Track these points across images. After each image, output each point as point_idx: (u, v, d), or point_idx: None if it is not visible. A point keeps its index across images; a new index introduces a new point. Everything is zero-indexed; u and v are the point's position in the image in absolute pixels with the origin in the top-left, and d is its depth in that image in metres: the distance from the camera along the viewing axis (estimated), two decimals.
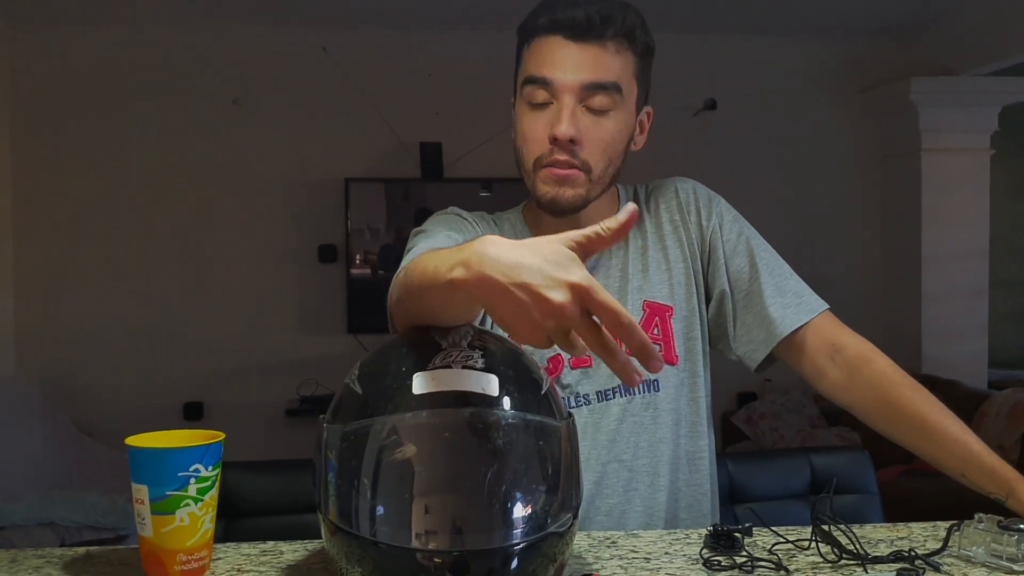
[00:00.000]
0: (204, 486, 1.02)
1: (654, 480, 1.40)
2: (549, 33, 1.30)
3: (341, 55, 4.97)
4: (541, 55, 1.31)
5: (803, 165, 5.41)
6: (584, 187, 1.34)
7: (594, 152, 1.32)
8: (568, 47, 1.29)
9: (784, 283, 1.44)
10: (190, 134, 4.98)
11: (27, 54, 4.90)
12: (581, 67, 1.29)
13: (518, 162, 1.38)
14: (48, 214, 4.94)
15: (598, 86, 1.30)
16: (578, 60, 1.29)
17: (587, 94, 1.30)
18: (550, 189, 1.33)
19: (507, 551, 0.88)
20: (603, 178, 1.36)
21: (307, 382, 4.87)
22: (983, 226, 5.22)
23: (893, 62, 5.32)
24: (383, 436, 0.91)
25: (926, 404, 1.32)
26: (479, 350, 0.96)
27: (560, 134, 1.29)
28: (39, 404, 4.42)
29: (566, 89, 1.29)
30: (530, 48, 1.33)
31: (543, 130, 1.31)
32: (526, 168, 1.36)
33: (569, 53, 1.29)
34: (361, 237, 5.03)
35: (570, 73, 1.29)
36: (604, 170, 1.35)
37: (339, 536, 0.91)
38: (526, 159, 1.35)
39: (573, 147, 1.30)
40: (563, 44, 1.30)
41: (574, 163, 1.31)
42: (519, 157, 1.37)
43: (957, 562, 1.08)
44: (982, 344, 5.23)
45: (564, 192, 1.33)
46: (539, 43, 1.32)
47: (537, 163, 1.33)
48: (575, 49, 1.29)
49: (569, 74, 1.29)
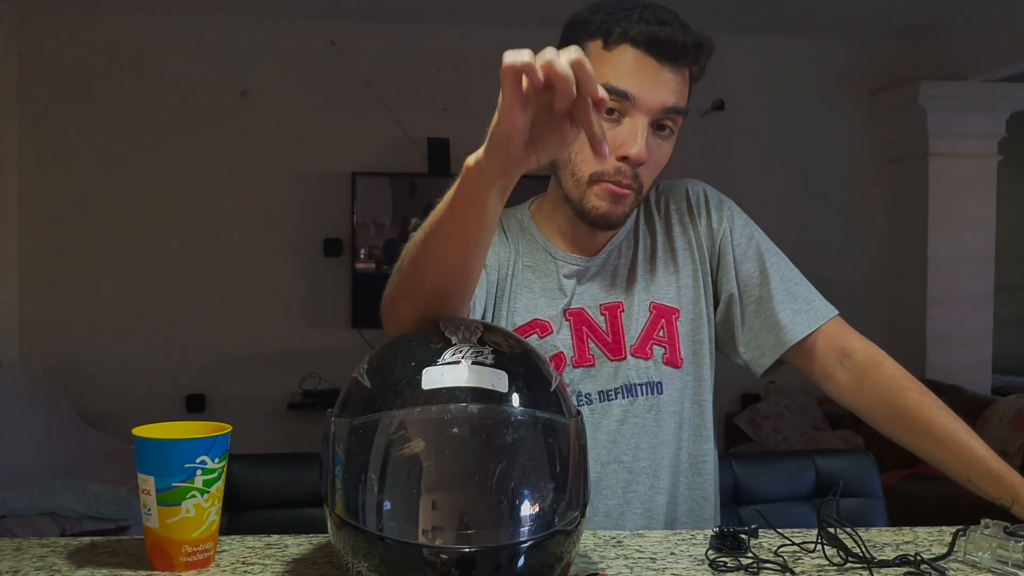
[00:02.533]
0: (210, 478, 1.02)
1: (654, 483, 1.39)
2: (637, 46, 1.26)
3: (349, 49, 4.97)
4: (625, 67, 1.26)
5: (810, 167, 5.41)
6: (632, 205, 1.33)
7: (649, 173, 1.32)
8: (655, 67, 1.26)
9: (795, 288, 1.43)
10: (197, 126, 4.98)
11: (35, 43, 4.90)
12: (664, 90, 1.26)
13: (563, 164, 1.33)
14: (53, 203, 4.94)
15: (675, 111, 1.28)
16: (662, 82, 1.26)
17: (661, 117, 1.28)
18: (603, 204, 1.30)
19: (514, 549, 0.88)
20: (645, 196, 1.36)
21: (310, 376, 4.87)
22: (989, 231, 5.21)
23: (902, 65, 5.31)
24: (391, 431, 0.91)
25: (933, 408, 1.32)
26: (489, 346, 0.95)
27: (634, 156, 1.26)
28: (42, 393, 4.43)
29: (646, 109, 1.26)
30: (610, 53, 1.27)
31: (611, 144, 1.25)
32: (579, 176, 1.31)
33: (656, 73, 1.26)
34: (367, 231, 5.03)
35: (653, 94, 1.26)
36: (649, 189, 1.35)
37: (345, 530, 0.91)
38: (581, 168, 1.30)
39: (638, 168, 1.29)
40: (650, 61, 1.26)
41: (632, 184, 1.29)
42: (571, 162, 1.31)
43: (963, 567, 1.07)
44: (986, 349, 5.22)
45: (616, 209, 1.31)
46: (623, 52, 1.26)
47: (595, 176, 1.29)
48: (661, 69, 1.26)
49: (653, 95, 1.26)
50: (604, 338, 1.38)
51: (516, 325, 1.38)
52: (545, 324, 1.38)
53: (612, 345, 1.38)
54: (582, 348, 1.38)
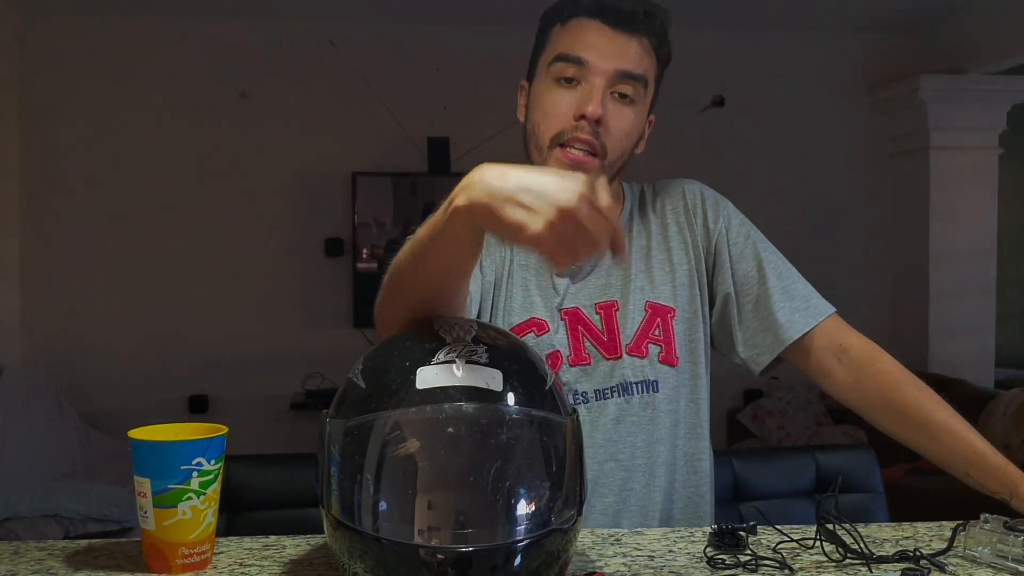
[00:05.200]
0: (206, 480, 1.02)
1: (650, 481, 1.39)
2: (589, 16, 1.33)
3: (348, 48, 4.97)
4: (578, 35, 1.33)
5: (811, 162, 5.40)
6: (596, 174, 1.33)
7: (613, 138, 1.34)
8: (606, 32, 1.32)
9: (792, 287, 1.43)
10: (197, 127, 4.98)
11: (36, 44, 4.90)
12: (617, 54, 1.32)
13: (528, 138, 1.39)
14: (55, 206, 4.94)
15: (629, 75, 1.33)
16: (615, 47, 1.32)
17: (617, 81, 1.32)
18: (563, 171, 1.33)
19: (511, 548, 0.88)
20: (613, 167, 1.37)
21: (312, 376, 4.87)
22: (991, 225, 5.21)
23: (903, 59, 5.30)
24: (386, 431, 0.90)
25: (931, 403, 1.32)
26: (483, 345, 0.95)
27: (589, 113, 1.30)
28: (45, 395, 4.43)
29: (600, 72, 1.31)
30: (565, 27, 1.35)
31: (568, 107, 1.32)
32: (540, 143, 1.35)
33: (607, 38, 1.32)
34: (368, 231, 5.03)
35: (606, 58, 1.32)
36: (616, 159, 1.36)
37: (341, 532, 0.91)
38: (542, 134, 1.35)
39: (597, 128, 1.31)
40: (602, 28, 1.32)
41: (594, 145, 1.32)
42: (533, 132, 1.37)
43: (963, 562, 1.07)
44: (989, 343, 5.22)
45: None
46: (577, 24, 1.34)
47: (555, 139, 1.33)
48: (613, 36, 1.32)
49: (605, 58, 1.31)
50: (599, 337, 1.38)
51: (513, 324, 1.38)
52: (542, 323, 1.38)
53: (607, 344, 1.38)
54: (578, 347, 1.38)
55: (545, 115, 1.35)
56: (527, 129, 1.40)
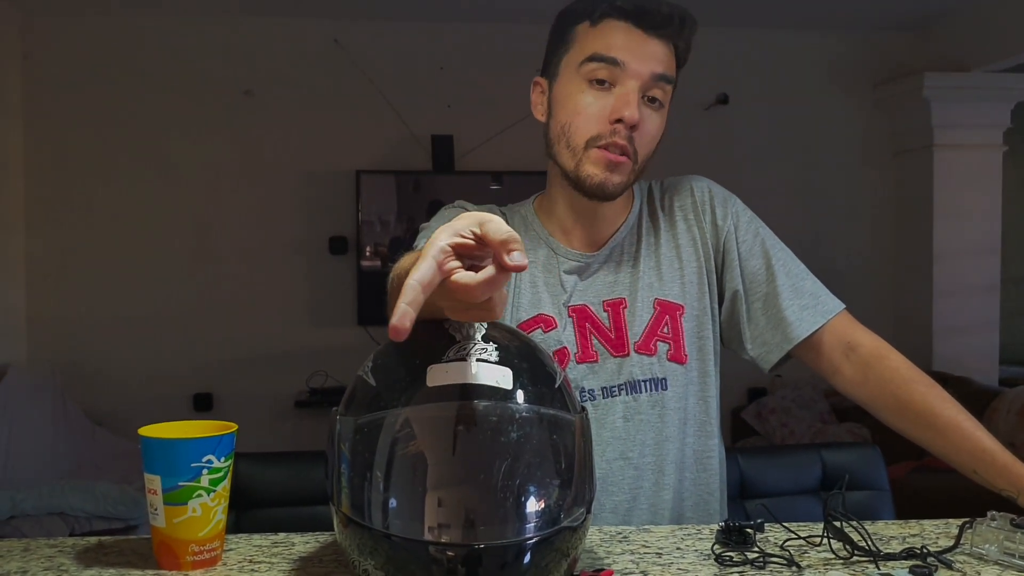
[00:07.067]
0: (216, 477, 1.03)
1: (659, 479, 1.39)
2: (624, 18, 1.31)
3: (353, 47, 4.97)
4: (612, 37, 1.31)
5: (815, 160, 5.40)
6: (628, 176, 1.34)
7: (644, 143, 1.34)
8: (640, 35, 1.31)
9: (801, 284, 1.43)
10: (201, 125, 4.99)
11: (39, 43, 4.91)
12: (651, 57, 1.31)
13: (554, 137, 1.37)
14: (59, 203, 4.95)
15: (663, 78, 1.32)
16: (649, 50, 1.31)
17: (651, 85, 1.32)
18: (599, 172, 1.32)
19: (520, 545, 0.87)
20: (641, 170, 1.37)
21: (317, 374, 4.88)
22: (995, 222, 5.21)
23: (906, 57, 5.30)
24: (396, 428, 0.90)
25: (939, 400, 1.32)
26: (493, 343, 0.95)
27: (627, 118, 1.29)
28: (50, 393, 4.44)
29: (635, 75, 1.31)
30: (596, 27, 1.33)
31: (603, 110, 1.31)
32: (573, 143, 1.34)
33: (641, 41, 1.31)
34: (372, 229, 5.04)
35: (642, 61, 1.31)
36: (644, 162, 1.36)
37: (351, 529, 0.91)
38: (576, 135, 1.33)
39: (631, 133, 1.31)
40: (636, 31, 1.31)
41: (627, 149, 1.31)
42: (563, 132, 1.35)
43: (970, 560, 1.07)
44: (993, 340, 5.22)
45: (612, 178, 1.33)
46: (610, 25, 1.32)
47: (591, 142, 1.32)
48: (647, 39, 1.31)
49: (641, 61, 1.31)
50: (607, 334, 1.38)
51: (521, 320, 1.38)
52: (549, 319, 1.38)
53: (615, 341, 1.38)
54: (585, 344, 1.38)
55: (578, 116, 1.33)
56: (552, 128, 1.38)
